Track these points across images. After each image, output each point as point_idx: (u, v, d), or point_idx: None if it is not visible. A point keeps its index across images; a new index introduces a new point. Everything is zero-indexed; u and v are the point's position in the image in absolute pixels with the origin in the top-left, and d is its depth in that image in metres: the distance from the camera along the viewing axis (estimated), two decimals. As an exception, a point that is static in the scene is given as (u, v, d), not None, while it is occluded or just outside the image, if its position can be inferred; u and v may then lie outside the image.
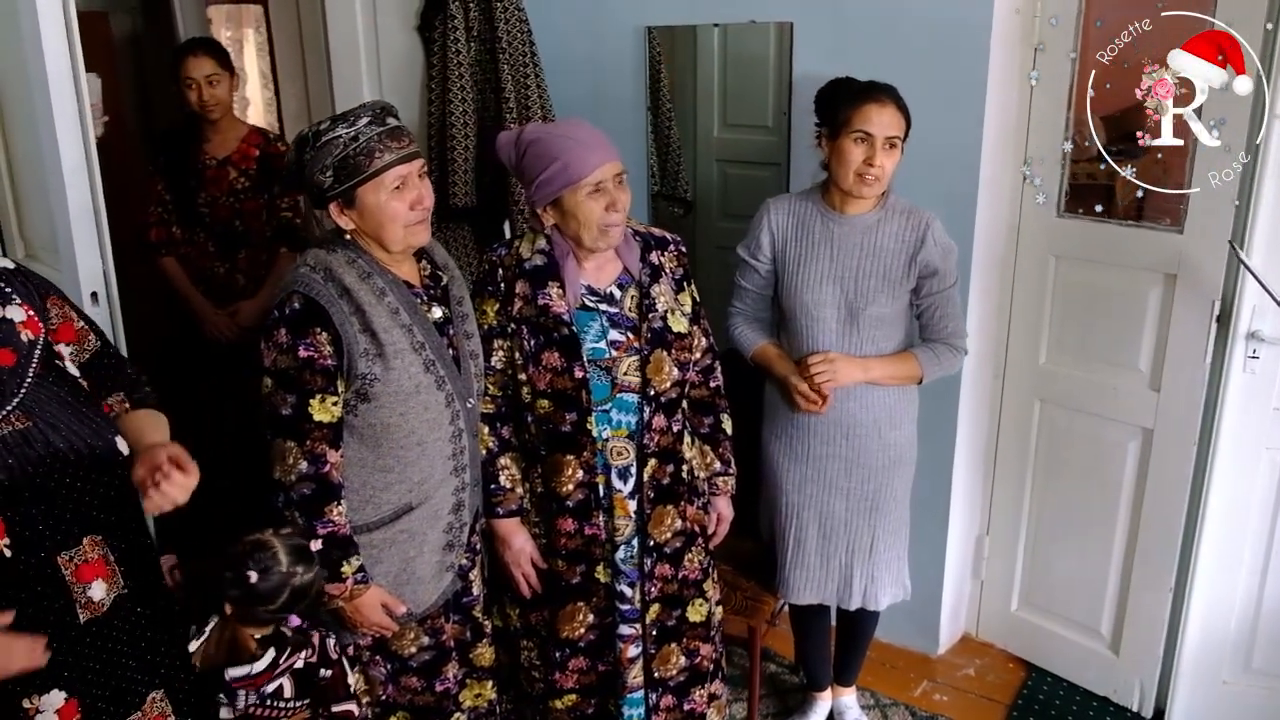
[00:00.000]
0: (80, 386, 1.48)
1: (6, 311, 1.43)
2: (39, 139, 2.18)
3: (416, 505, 1.88)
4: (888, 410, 2.32)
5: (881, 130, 2.12)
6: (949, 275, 2.28)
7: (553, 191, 1.94)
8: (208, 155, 3.19)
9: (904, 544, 2.46)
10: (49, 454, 1.37)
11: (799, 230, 2.30)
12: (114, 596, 1.47)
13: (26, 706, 1.37)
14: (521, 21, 2.97)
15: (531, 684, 2.19)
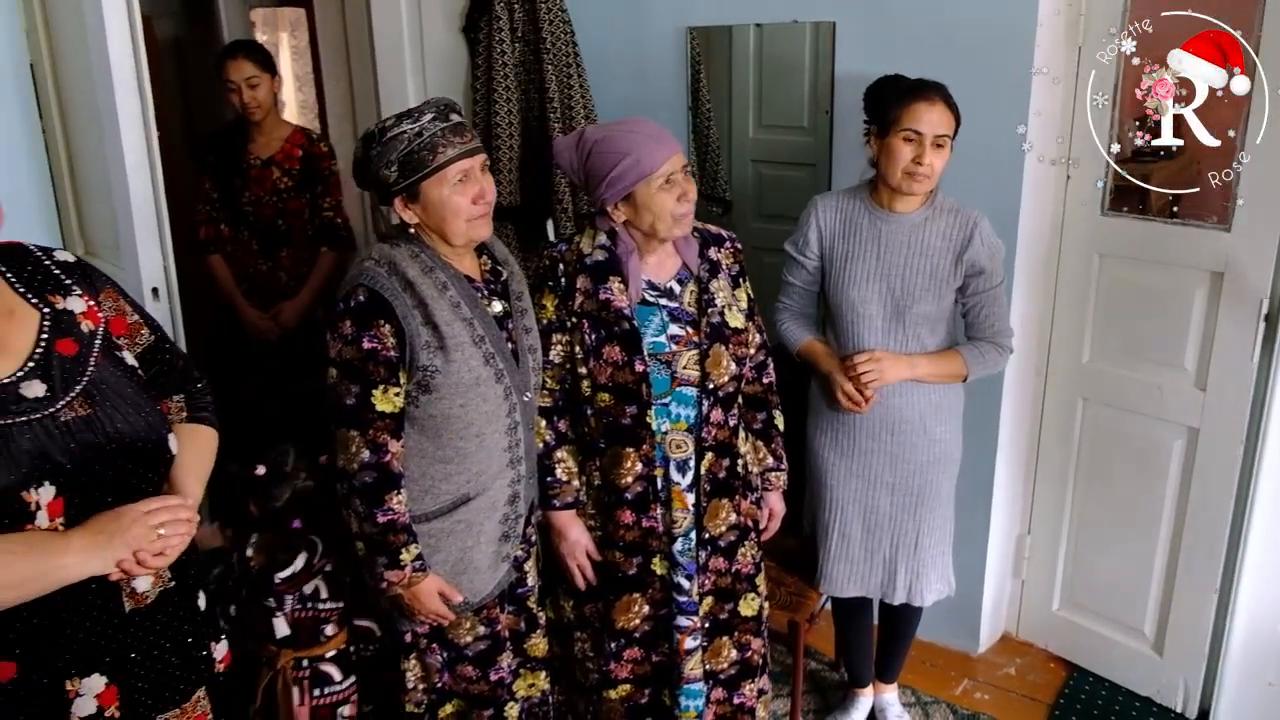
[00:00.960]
0: (139, 377, 1.51)
1: (68, 303, 1.47)
2: (103, 138, 2.22)
3: (474, 496, 1.91)
4: (933, 406, 2.33)
5: (931, 129, 2.14)
6: (995, 274, 2.29)
7: (625, 187, 1.97)
8: (252, 155, 3.24)
9: (949, 540, 2.47)
10: (107, 441, 1.40)
11: (846, 227, 2.32)
12: (159, 590, 1.50)
13: (69, 687, 1.40)
14: (565, 23, 3.00)
15: (585, 675, 2.21)
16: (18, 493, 1.31)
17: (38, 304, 1.44)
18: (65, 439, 1.36)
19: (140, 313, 1.59)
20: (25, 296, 1.44)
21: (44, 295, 1.45)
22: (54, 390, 1.38)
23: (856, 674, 2.72)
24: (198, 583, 1.60)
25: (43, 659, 1.38)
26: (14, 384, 1.35)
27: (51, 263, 1.50)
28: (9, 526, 1.31)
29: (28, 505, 1.32)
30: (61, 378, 1.39)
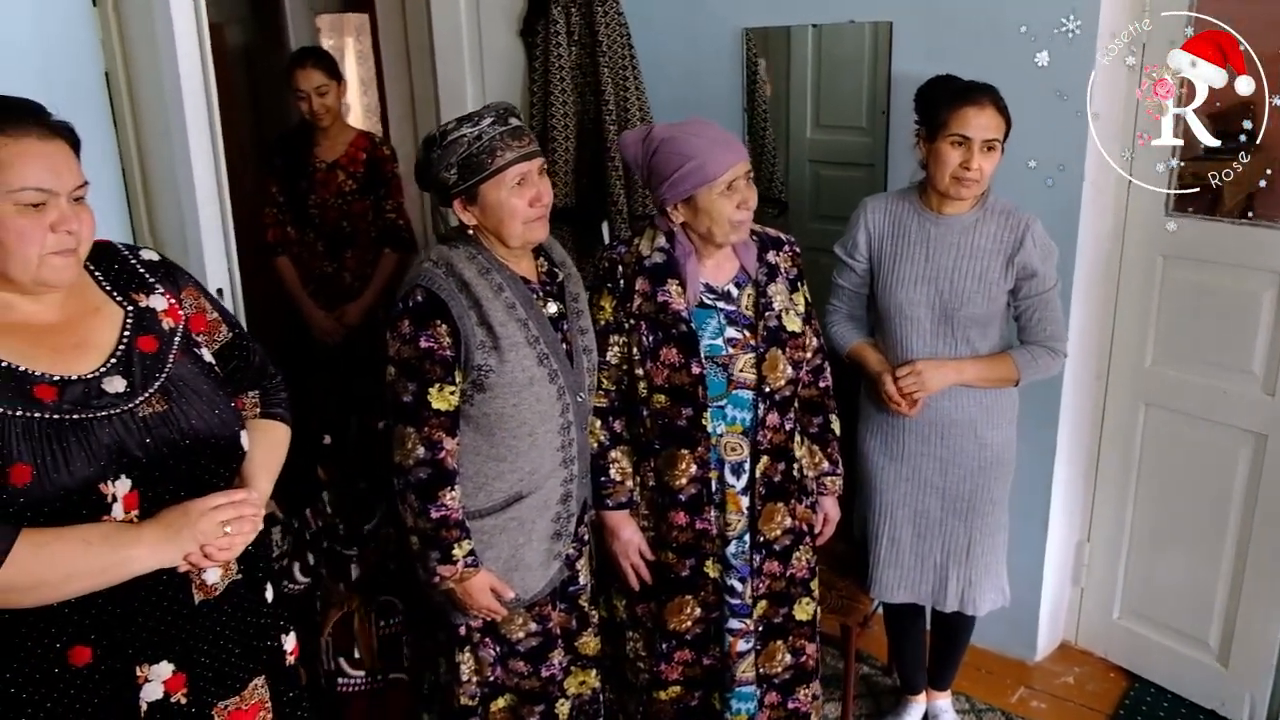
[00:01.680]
0: (216, 374, 1.56)
1: (150, 300, 1.52)
2: (171, 145, 2.29)
3: (527, 494, 1.94)
4: (984, 410, 2.31)
5: (979, 133, 2.11)
6: (1049, 278, 2.25)
7: (687, 189, 1.98)
8: (318, 159, 3.32)
9: (1003, 548, 2.44)
10: (181, 437, 1.45)
11: (895, 230, 2.30)
12: (228, 583, 1.54)
13: (139, 673, 1.44)
14: (621, 25, 3.02)
15: (636, 675, 2.23)
16: (96, 485, 1.36)
17: (122, 301, 1.50)
18: (142, 434, 1.41)
19: (220, 310, 1.64)
20: (111, 294, 1.50)
21: (128, 293, 1.51)
22: (134, 386, 1.43)
23: (908, 680, 2.70)
24: (266, 575, 1.64)
25: (116, 645, 1.42)
26: (97, 379, 1.41)
27: (137, 261, 1.56)
28: (87, 517, 1.36)
29: (105, 497, 1.37)
30: (141, 374, 1.44)
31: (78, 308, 1.46)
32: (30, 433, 1.33)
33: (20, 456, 1.31)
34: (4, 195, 1.32)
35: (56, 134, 1.40)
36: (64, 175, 1.38)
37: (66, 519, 1.35)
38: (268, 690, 1.61)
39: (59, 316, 1.43)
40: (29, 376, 1.36)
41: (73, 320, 1.45)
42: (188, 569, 1.45)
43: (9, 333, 1.38)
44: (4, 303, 1.39)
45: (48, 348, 1.40)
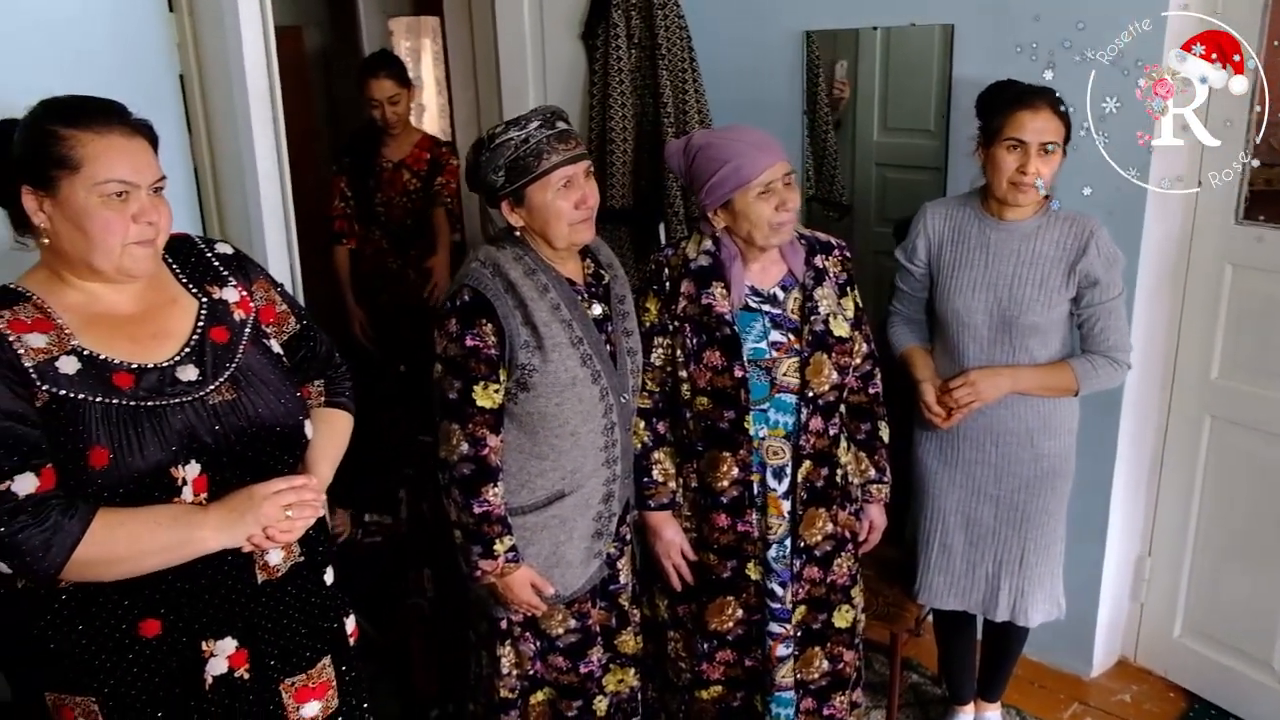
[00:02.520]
0: (283, 364, 1.63)
1: (223, 293, 1.60)
2: (239, 145, 2.38)
3: (569, 493, 1.97)
4: (1042, 419, 2.27)
5: (1035, 136, 2.08)
6: (1112, 286, 2.20)
7: (724, 194, 2.00)
8: (385, 159, 3.41)
9: (1058, 561, 2.39)
10: (249, 425, 1.52)
11: (955, 235, 2.28)
12: (290, 564, 1.60)
13: (204, 648, 1.52)
14: (681, 29, 3.04)
15: (678, 674, 2.24)
16: (168, 469, 1.44)
17: (197, 293, 1.58)
18: (212, 420, 1.49)
19: (289, 302, 1.72)
20: (187, 286, 1.58)
21: (203, 285, 1.59)
22: (205, 375, 1.51)
23: (956, 690, 2.66)
24: (326, 559, 1.70)
25: (183, 620, 1.50)
26: (171, 368, 1.49)
27: (212, 254, 1.64)
28: (159, 499, 1.45)
29: (175, 480, 1.45)
30: (212, 363, 1.52)
31: (156, 299, 1.54)
32: (109, 418, 1.41)
33: (99, 440, 1.40)
34: (90, 188, 1.41)
35: (137, 131, 1.48)
36: (144, 170, 1.46)
37: (140, 500, 1.43)
38: (334, 670, 1.68)
39: (138, 307, 1.52)
40: (109, 364, 1.44)
41: (151, 311, 1.53)
42: (251, 550, 1.52)
43: (93, 323, 1.47)
44: (89, 294, 1.48)
45: (127, 337, 1.48)
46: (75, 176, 1.41)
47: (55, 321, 1.44)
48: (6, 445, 1.35)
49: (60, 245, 1.44)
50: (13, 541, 1.35)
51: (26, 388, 1.38)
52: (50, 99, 1.46)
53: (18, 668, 1.52)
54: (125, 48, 2.42)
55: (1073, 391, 2.24)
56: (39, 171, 1.41)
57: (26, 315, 1.42)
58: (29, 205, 1.43)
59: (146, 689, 1.49)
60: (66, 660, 1.46)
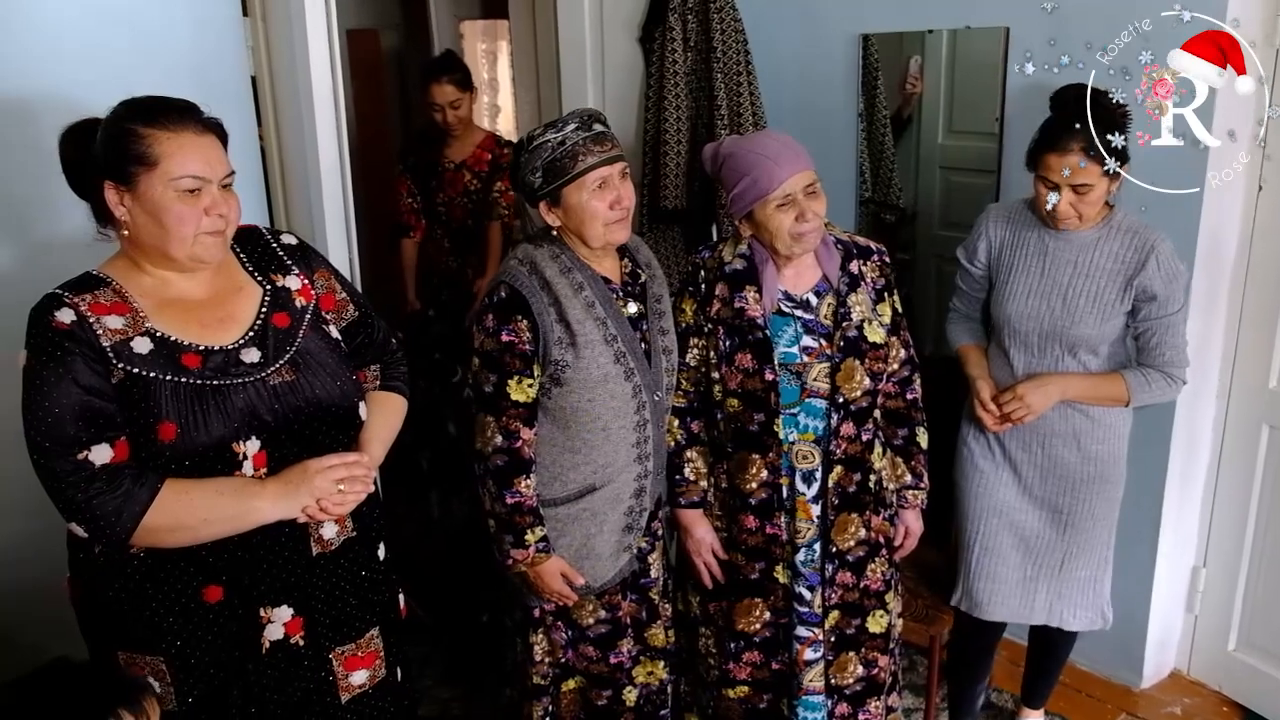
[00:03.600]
0: (341, 349, 1.73)
1: (286, 281, 1.71)
2: (304, 141, 2.50)
3: (600, 486, 2.02)
4: (1090, 421, 2.24)
5: (1065, 180, 2.06)
6: (1171, 301, 2.15)
7: (745, 205, 2.03)
8: (447, 159, 3.51)
9: (1102, 568, 2.36)
10: (307, 405, 1.63)
11: (1015, 240, 2.27)
12: (343, 539, 1.70)
13: (262, 614, 1.63)
14: (738, 32, 3.07)
15: (707, 671, 2.27)
16: (230, 444, 1.56)
17: (262, 281, 1.69)
18: (272, 400, 1.59)
19: (349, 290, 1.82)
20: (253, 274, 1.70)
21: (267, 273, 1.70)
22: (267, 357, 1.62)
23: (957, 702, 2.61)
24: (379, 535, 1.80)
25: (243, 588, 1.61)
26: (236, 350, 1.60)
27: (277, 245, 1.75)
28: (221, 472, 1.56)
29: (237, 455, 1.56)
30: (274, 347, 1.63)
31: (224, 286, 1.66)
32: (177, 395, 1.53)
33: (168, 415, 1.52)
34: (166, 183, 1.52)
35: (209, 129, 1.59)
36: (215, 165, 1.57)
37: (204, 472, 1.55)
38: (382, 641, 1.78)
39: (208, 293, 1.64)
40: (179, 346, 1.56)
41: (219, 297, 1.65)
42: (305, 521, 1.62)
43: (166, 306, 1.58)
44: (162, 280, 1.60)
45: (197, 321, 1.60)
46: (152, 172, 1.51)
47: (132, 305, 1.55)
48: (85, 419, 1.48)
49: (138, 236, 1.56)
50: (89, 507, 1.47)
51: (104, 366, 1.50)
52: (129, 99, 1.58)
53: (94, 629, 1.65)
54: (203, 51, 2.56)
55: (1124, 402, 2.22)
56: (119, 168, 1.52)
57: (106, 299, 1.54)
58: (110, 199, 1.54)
59: (209, 651, 1.61)
60: (137, 622, 1.58)
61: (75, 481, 1.47)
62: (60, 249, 2.35)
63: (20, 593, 2.57)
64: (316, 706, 1.71)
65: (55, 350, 1.48)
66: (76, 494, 1.47)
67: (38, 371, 1.49)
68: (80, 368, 1.48)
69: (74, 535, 1.59)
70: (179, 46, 2.51)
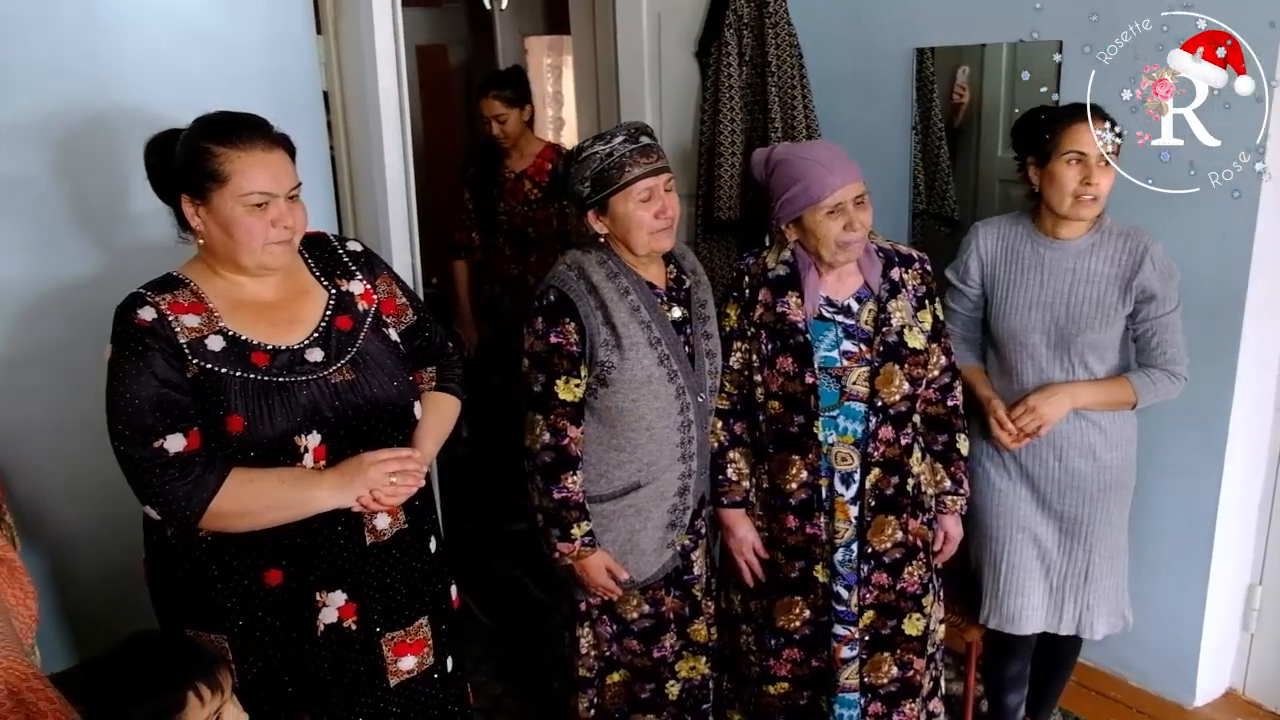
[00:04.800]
0: (400, 352, 1.83)
1: (350, 285, 1.82)
2: (370, 153, 2.62)
3: (644, 484, 2.08)
4: (1103, 432, 2.26)
5: (1101, 148, 2.06)
6: (1169, 300, 2.18)
7: (794, 210, 2.08)
8: (508, 169, 3.62)
9: (1122, 572, 2.37)
10: (365, 402, 1.72)
11: (1008, 255, 2.28)
12: (396, 530, 1.79)
13: (318, 599, 1.73)
14: (793, 47, 3.12)
15: (748, 667, 2.32)
16: (292, 437, 1.66)
17: (327, 285, 1.80)
18: (333, 397, 1.70)
19: (409, 296, 1.92)
20: (319, 278, 1.81)
21: (333, 278, 1.81)
22: (329, 357, 1.72)
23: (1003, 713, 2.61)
24: (431, 529, 1.89)
25: (301, 573, 1.72)
26: (301, 350, 1.71)
27: (343, 251, 1.86)
28: (283, 463, 1.66)
29: (299, 448, 1.67)
30: (336, 347, 1.74)
31: (292, 289, 1.77)
32: (245, 390, 1.64)
33: (236, 409, 1.63)
34: (235, 199, 1.63)
35: (277, 144, 1.70)
36: (282, 179, 1.68)
37: (268, 463, 1.66)
38: (430, 630, 1.87)
39: (277, 296, 1.75)
40: (249, 344, 1.67)
41: (287, 299, 1.76)
42: (360, 511, 1.71)
43: (238, 308, 1.70)
44: (234, 284, 1.72)
45: (266, 321, 1.71)
46: (223, 188, 1.63)
47: (207, 305, 1.67)
48: (161, 409, 1.59)
49: (211, 244, 1.68)
50: (162, 491, 1.59)
51: (180, 361, 1.61)
52: (204, 116, 1.69)
53: (165, 607, 1.77)
54: (278, 67, 2.69)
55: (1131, 404, 2.23)
56: (194, 182, 1.64)
57: (184, 299, 1.66)
58: (187, 210, 1.66)
59: (269, 631, 1.71)
60: (202, 602, 1.69)
61: (150, 467, 1.59)
62: (139, 254, 2.49)
63: (99, 574, 2.73)
64: (366, 689, 1.80)
65: (136, 345, 1.60)
66: (151, 479, 1.59)
67: (120, 364, 1.61)
68: (159, 362, 1.59)
69: (149, 519, 1.70)
70: (255, 64, 2.64)
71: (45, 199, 2.48)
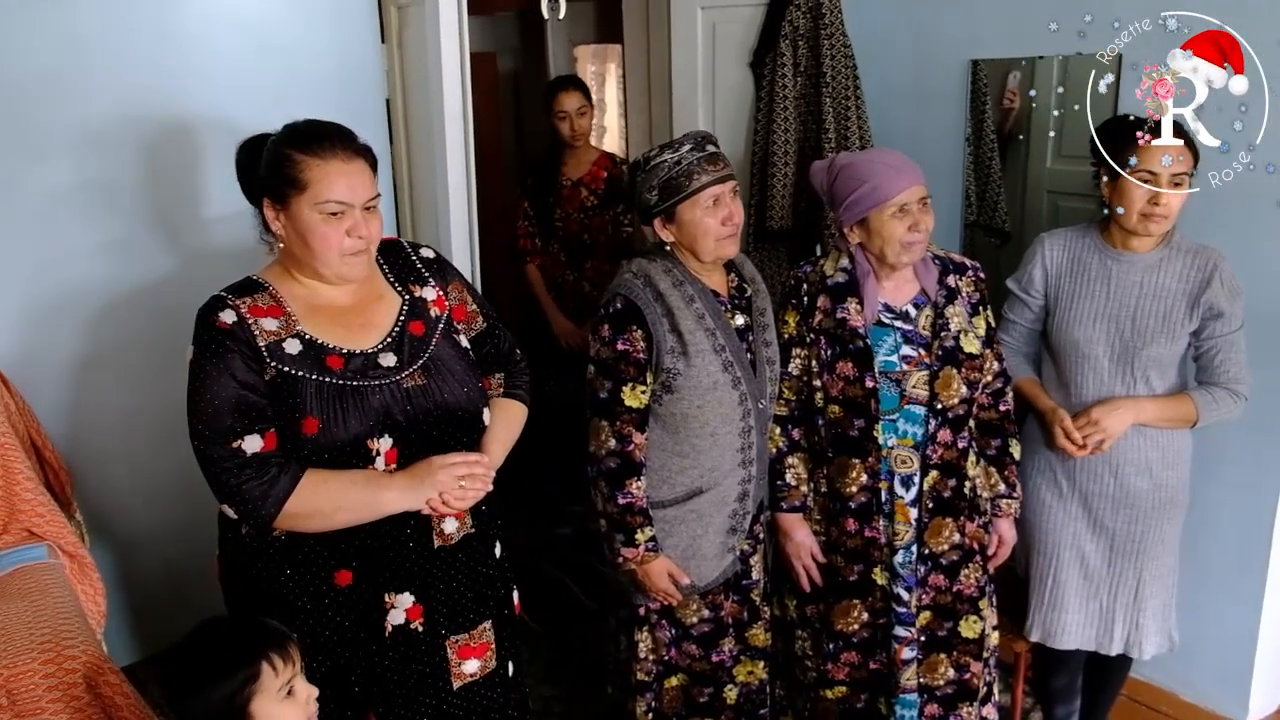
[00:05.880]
0: (470, 358, 1.85)
1: (423, 291, 1.85)
2: (433, 163, 2.66)
3: (706, 490, 2.11)
4: (1160, 449, 2.25)
5: (1167, 169, 2.06)
6: (1234, 318, 2.17)
7: (861, 211, 2.11)
8: (565, 177, 3.66)
9: (1171, 591, 2.36)
10: (436, 407, 1.75)
11: (1074, 266, 2.29)
12: (462, 535, 1.82)
13: (386, 600, 1.75)
14: (848, 58, 3.13)
15: (804, 673, 2.34)
16: (365, 440, 1.69)
17: (401, 291, 1.83)
18: (404, 402, 1.72)
19: (479, 303, 1.95)
20: (393, 284, 1.84)
21: (406, 284, 1.84)
22: (402, 362, 1.75)
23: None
24: (496, 535, 1.92)
25: (371, 573, 1.74)
26: (375, 354, 1.74)
27: (416, 258, 1.89)
28: (355, 465, 1.69)
29: (371, 451, 1.69)
30: (409, 352, 1.77)
31: (367, 294, 1.80)
32: (320, 393, 1.67)
33: (311, 411, 1.66)
34: (312, 206, 1.67)
35: (359, 154, 1.72)
36: (359, 190, 1.70)
37: (341, 465, 1.68)
38: (493, 634, 1.89)
39: (352, 301, 1.78)
40: (325, 348, 1.70)
41: (362, 304, 1.79)
42: (429, 513, 1.74)
43: (314, 313, 1.73)
44: (312, 289, 1.75)
45: (341, 326, 1.74)
46: (302, 196, 1.66)
47: (285, 309, 1.71)
48: (240, 411, 1.63)
49: (291, 249, 1.72)
50: (239, 491, 1.62)
51: (259, 364, 1.65)
52: (291, 124, 1.72)
53: (237, 604, 1.80)
54: (345, 76, 2.76)
55: (1192, 422, 2.21)
56: (276, 188, 1.68)
57: (263, 303, 1.70)
58: (268, 215, 1.71)
59: (338, 631, 1.74)
60: (273, 600, 1.72)
61: (229, 467, 1.62)
62: (211, 259, 2.57)
63: (162, 571, 2.80)
64: (430, 690, 1.82)
65: (217, 348, 1.63)
66: (229, 478, 1.62)
67: (201, 365, 1.64)
68: (238, 364, 1.63)
69: (225, 517, 1.74)
70: (325, 72, 2.71)
71: (123, 203, 2.55)
